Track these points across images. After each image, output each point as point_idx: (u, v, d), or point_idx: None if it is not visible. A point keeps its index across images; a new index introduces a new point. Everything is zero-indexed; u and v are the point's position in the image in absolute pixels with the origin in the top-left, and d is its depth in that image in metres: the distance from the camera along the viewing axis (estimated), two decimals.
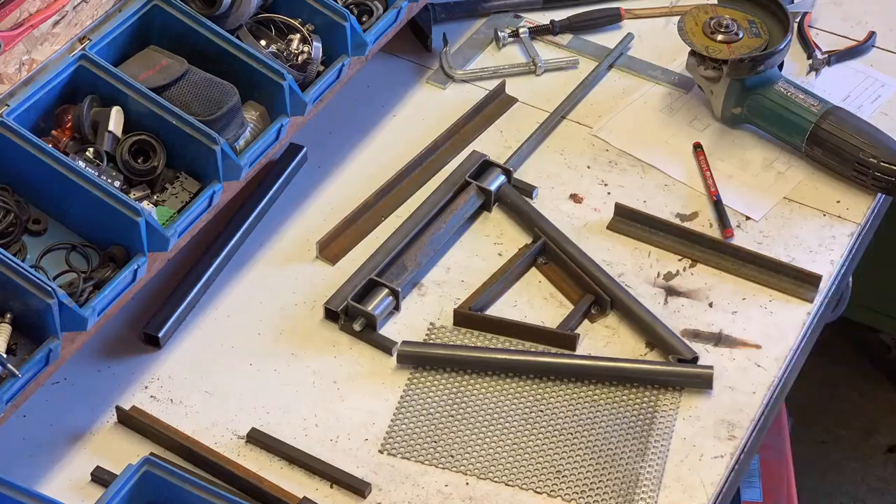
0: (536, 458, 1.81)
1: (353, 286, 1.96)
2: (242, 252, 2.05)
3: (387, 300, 1.95)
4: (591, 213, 2.12)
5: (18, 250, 1.73)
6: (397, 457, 1.80)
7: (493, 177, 2.12)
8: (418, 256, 2.02)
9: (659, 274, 2.03)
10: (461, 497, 1.77)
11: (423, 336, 1.94)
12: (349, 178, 2.17)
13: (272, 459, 1.80)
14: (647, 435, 1.83)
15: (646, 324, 1.94)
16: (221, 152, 1.82)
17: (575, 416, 1.85)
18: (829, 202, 2.14)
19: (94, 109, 1.82)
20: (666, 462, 1.80)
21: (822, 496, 3.08)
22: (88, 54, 1.83)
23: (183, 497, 1.58)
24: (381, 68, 2.33)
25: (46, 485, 1.76)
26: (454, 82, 2.33)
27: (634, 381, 1.88)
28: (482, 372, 1.89)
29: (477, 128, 2.26)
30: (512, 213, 2.11)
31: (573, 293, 2.00)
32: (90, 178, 1.74)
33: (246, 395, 1.87)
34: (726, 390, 1.89)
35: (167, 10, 1.91)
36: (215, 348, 1.93)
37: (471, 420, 1.84)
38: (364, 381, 1.90)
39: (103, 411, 1.84)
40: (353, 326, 1.92)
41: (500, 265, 2.03)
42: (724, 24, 2.19)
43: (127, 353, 1.91)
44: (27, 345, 1.67)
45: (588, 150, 2.21)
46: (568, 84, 2.32)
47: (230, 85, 1.88)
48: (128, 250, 1.76)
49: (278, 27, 2.01)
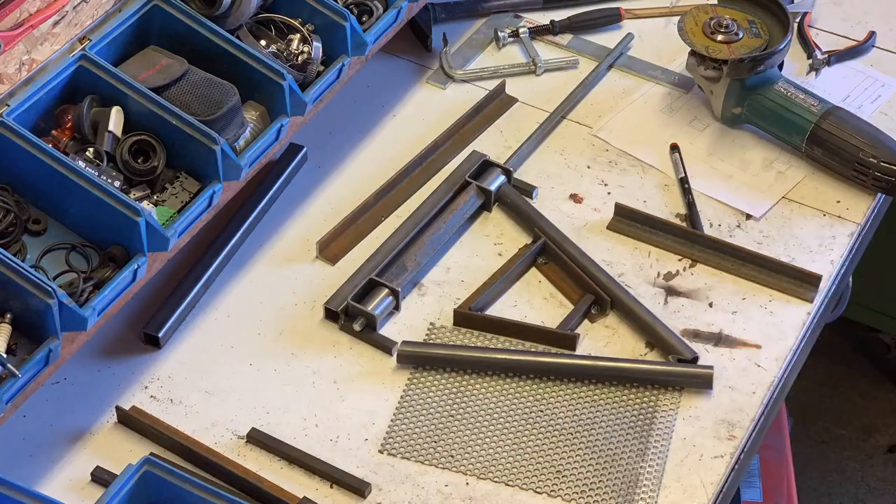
0: (536, 458, 1.80)
1: (353, 286, 1.96)
2: (242, 252, 2.05)
3: (387, 300, 1.95)
4: (591, 213, 2.12)
5: (18, 250, 1.73)
6: (397, 457, 1.80)
7: (493, 177, 2.12)
8: (418, 256, 2.02)
9: (659, 274, 2.03)
10: (461, 497, 1.77)
11: (423, 336, 1.94)
12: (349, 178, 2.17)
13: (272, 459, 1.80)
14: (647, 435, 1.83)
15: (646, 324, 1.94)
16: (221, 152, 1.82)
17: (575, 415, 1.85)
18: (829, 202, 2.14)
19: (94, 109, 1.82)
20: (666, 462, 1.80)
21: (822, 496, 3.08)
22: (88, 54, 1.83)
23: (183, 497, 1.58)
24: (381, 68, 2.33)
25: (46, 485, 1.76)
26: (454, 82, 2.33)
27: (634, 381, 1.88)
28: (482, 372, 1.89)
29: (477, 128, 2.26)
30: (512, 213, 2.11)
31: (573, 293, 2.00)
32: (90, 178, 1.74)
33: (246, 395, 1.87)
34: (726, 390, 1.89)
35: (167, 9, 1.91)
36: (215, 348, 1.93)
37: (471, 420, 1.84)
38: (364, 381, 1.90)
39: (103, 411, 1.84)
40: (353, 326, 1.92)
41: (500, 265, 2.03)
42: (724, 25, 2.19)
43: (127, 353, 1.91)
44: (27, 345, 1.66)
45: (588, 150, 2.21)
46: (568, 84, 2.32)
47: (230, 85, 1.88)
48: (128, 250, 1.76)
49: (278, 27, 2.01)
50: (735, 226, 2.09)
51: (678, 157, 2.18)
